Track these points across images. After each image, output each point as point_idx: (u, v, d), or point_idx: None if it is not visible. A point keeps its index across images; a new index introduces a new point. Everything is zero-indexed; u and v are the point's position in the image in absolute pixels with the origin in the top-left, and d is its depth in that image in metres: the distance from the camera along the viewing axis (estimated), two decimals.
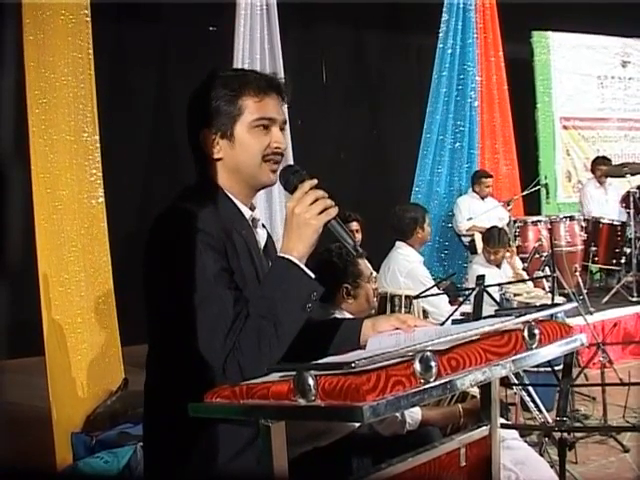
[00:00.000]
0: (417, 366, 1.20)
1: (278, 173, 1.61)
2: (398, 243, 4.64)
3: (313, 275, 1.48)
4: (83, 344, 3.72)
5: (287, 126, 1.71)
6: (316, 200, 1.47)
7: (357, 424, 2.03)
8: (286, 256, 1.47)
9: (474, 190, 6.50)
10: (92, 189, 3.81)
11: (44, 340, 3.50)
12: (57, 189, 3.66)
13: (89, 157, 3.80)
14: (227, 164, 1.63)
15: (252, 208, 1.69)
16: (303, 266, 1.47)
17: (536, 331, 1.44)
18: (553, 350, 1.50)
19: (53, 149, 3.66)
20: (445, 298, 4.38)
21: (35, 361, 4.03)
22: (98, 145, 3.82)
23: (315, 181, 1.51)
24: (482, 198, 6.47)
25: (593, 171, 7.13)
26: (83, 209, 3.77)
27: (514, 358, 1.40)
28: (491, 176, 6.62)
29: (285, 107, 1.73)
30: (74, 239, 3.71)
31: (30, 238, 3.46)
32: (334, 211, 1.48)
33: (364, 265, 2.67)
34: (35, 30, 3.56)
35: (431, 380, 1.21)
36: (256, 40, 5.28)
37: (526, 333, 1.43)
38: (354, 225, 5.03)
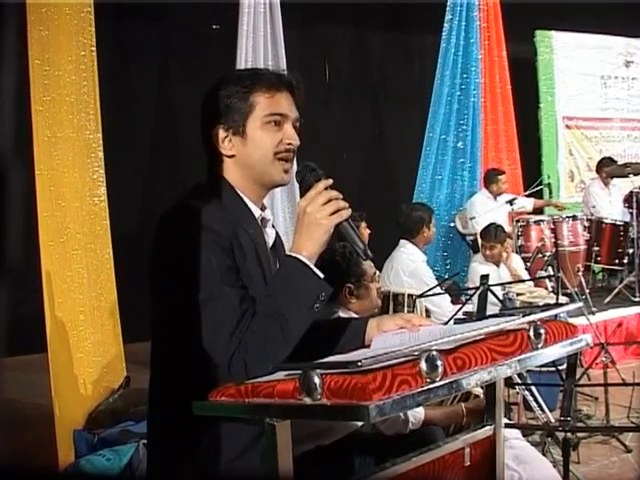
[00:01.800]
0: (423, 365, 1.19)
1: (292, 172, 1.60)
2: (402, 242, 4.63)
3: (322, 275, 1.47)
4: (85, 341, 3.72)
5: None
6: (329, 200, 1.46)
7: (360, 423, 2.02)
8: (295, 255, 1.46)
9: (488, 189, 6.46)
10: (95, 187, 3.81)
11: (47, 337, 3.49)
12: (60, 186, 3.66)
13: (92, 154, 3.80)
14: (239, 161, 1.62)
15: (263, 208, 1.68)
16: (312, 266, 1.45)
17: (542, 331, 1.43)
18: (558, 350, 1.50)
19: (56, 146, 3.65)
20: (447, 298, 4.37)
21: (37, 358, 4.03)
22: (101, 142, 3.83)
23: (330, 181, 1.50)
24: (495, 197, 6.43)
25: (599, 172, 7.07)
26: (86, 206, 3.77)
27: (520, 358, 1.39)
28: (504, 172, 6.57)
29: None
30: (77, 236, 3.71)
31: (33, 235, 3.46)
32: (347, 213, 1.47)
33: (368, 265, 2.65)
34: (39, 27, 3.56)
35: (437, 379, 1.20)
36: (259, 39, 5.26)
37: (532, 333, 1.42)
38: (363, 225, 5.02)
